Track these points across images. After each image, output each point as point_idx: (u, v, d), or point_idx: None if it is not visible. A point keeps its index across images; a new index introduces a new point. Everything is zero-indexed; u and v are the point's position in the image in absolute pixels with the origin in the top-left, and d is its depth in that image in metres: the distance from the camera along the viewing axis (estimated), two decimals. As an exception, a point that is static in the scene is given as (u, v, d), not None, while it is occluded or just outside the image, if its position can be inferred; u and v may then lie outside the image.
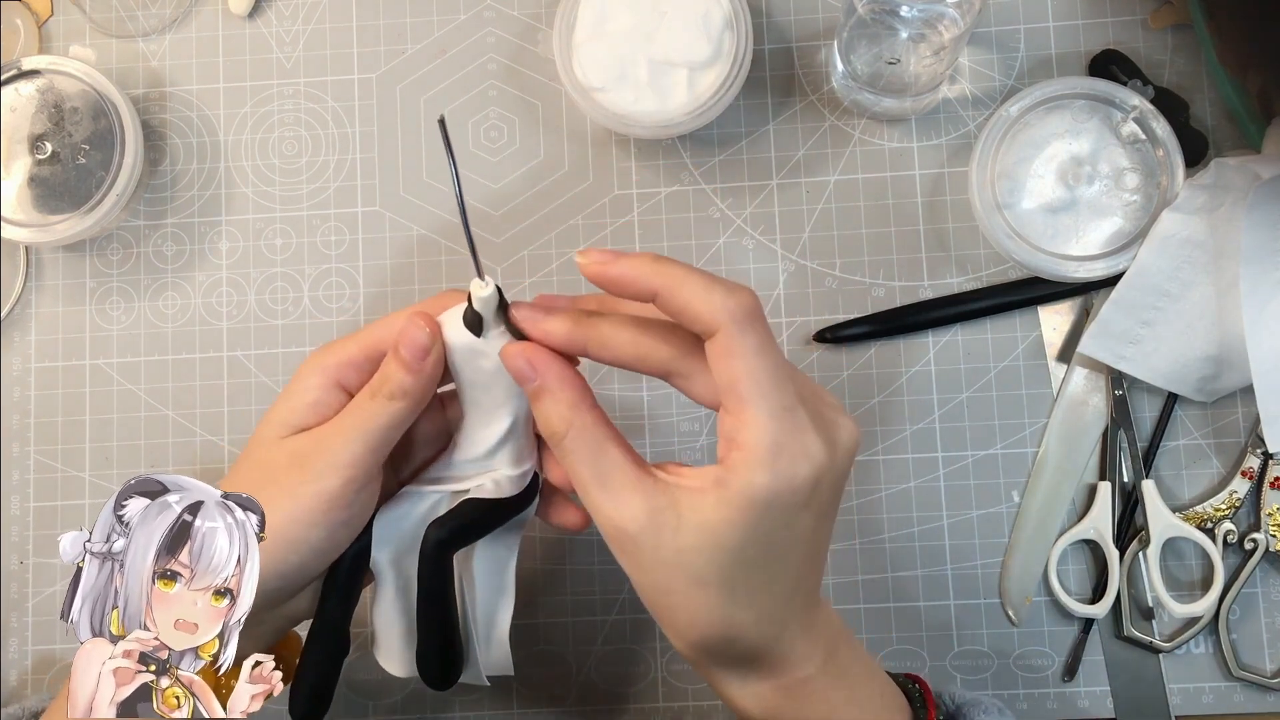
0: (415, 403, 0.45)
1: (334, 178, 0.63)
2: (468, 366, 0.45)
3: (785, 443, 0.39)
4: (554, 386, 0.42)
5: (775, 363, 0.39)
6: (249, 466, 0.46)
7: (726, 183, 0.61)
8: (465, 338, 0.45)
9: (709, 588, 0.40)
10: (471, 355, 0.45)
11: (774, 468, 0.39)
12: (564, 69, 0.58)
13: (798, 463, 0.39)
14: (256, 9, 0.64)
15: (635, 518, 0.40)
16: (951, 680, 0.58)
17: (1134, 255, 0.56)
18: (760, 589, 0.41)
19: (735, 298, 0.39)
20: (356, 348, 0.47)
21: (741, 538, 0.39)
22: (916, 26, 0.54)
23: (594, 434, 0.41)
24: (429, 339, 0.44)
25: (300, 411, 0.46)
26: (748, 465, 0.39)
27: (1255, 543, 0.57)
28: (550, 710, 0.59)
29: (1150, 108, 0.57)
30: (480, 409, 0.47)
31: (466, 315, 0.44)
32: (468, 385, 0.46)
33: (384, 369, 0.45)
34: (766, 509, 0.39)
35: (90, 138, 0.61)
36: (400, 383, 0.45)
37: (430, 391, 0.46)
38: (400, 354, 0.45)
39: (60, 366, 0.63)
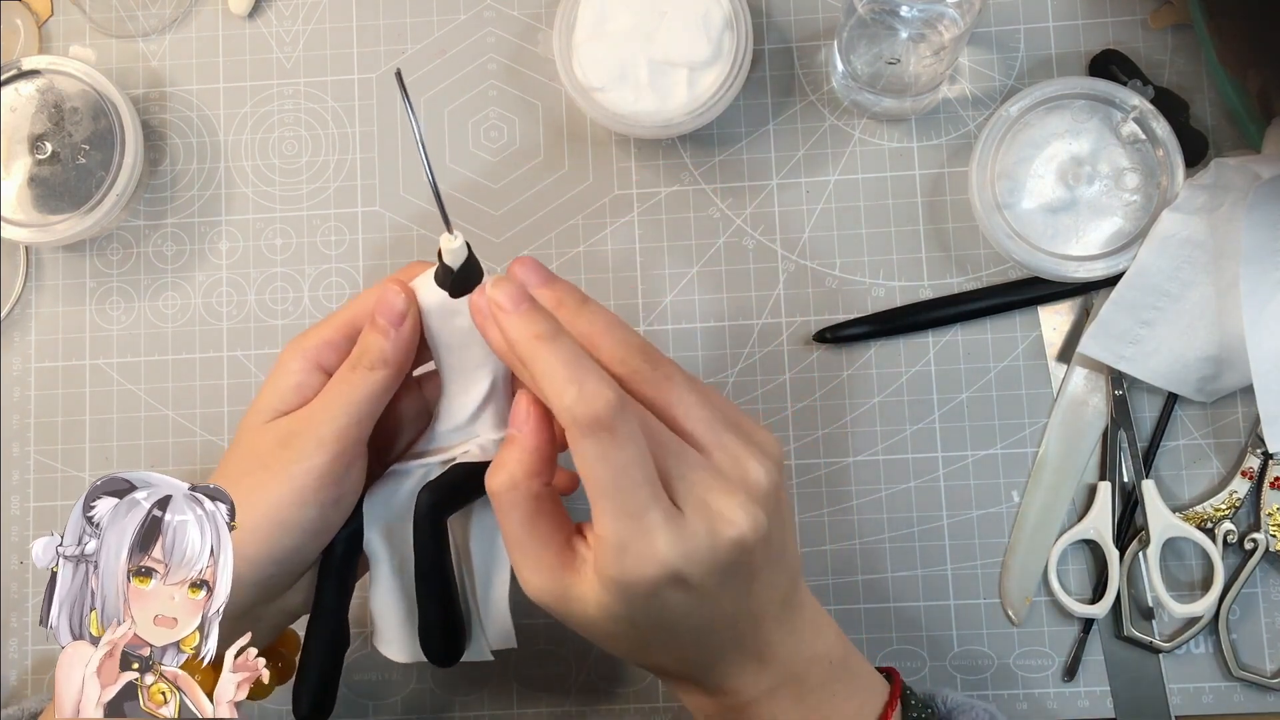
0: (396, 370, 0.46)
1: (334, 178, 0.63)
2: (444, 328, 0.45)
3: (629, 544, 0.40)
4: (528, 447, 0.43)
5: (620, 469, 0.39)
6: (237, 455, 0.46)
7: (726, 183, 0.61)
8: (439, 296, 0.45)
9: (619, 642, 0.43)
10: (446, 315, 0.45)
11: (621, 565, 0.40)
12: (564, 69, 0.58)
13: (643, 563, 0.40)
14: (256, 9, 0.64)
15: (545, 592, 0.42)
16: (951, 680, 0.58)
17: (1134, 255, 0.56)
18: (666, 649, 0.43)
19: (584, 404, 0.39)
20: (332, 329, 0.47)
21: (626, 613, 0.41)
22: (916, 26, 0.54)
23: (529, 506, 0.42)
24: (403, 303, 0.45)
25: (283, 394, 0.46)
26: (600, 559, 0.41)
27: (1255, 543, 0.57)
28: (550, 710, 0.59)
29: (1150, 108, 0.57)
30: (459, 374, 0.47)
31: (438, 273, 0.44)
32: (444, 349, 0.46)
33: (362, 340, 0.46)
34: (630, 596, 0.41)
35: (90, 138, 0.61)
36: (380, 350, 0.45)
37: (409, 357, 0.46)
38: (377, 322, 0.45)
39: (60, 366, 0.63)
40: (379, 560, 0.48)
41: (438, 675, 0.60)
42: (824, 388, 0.60)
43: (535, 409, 0.43)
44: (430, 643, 0.49)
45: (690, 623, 0.42)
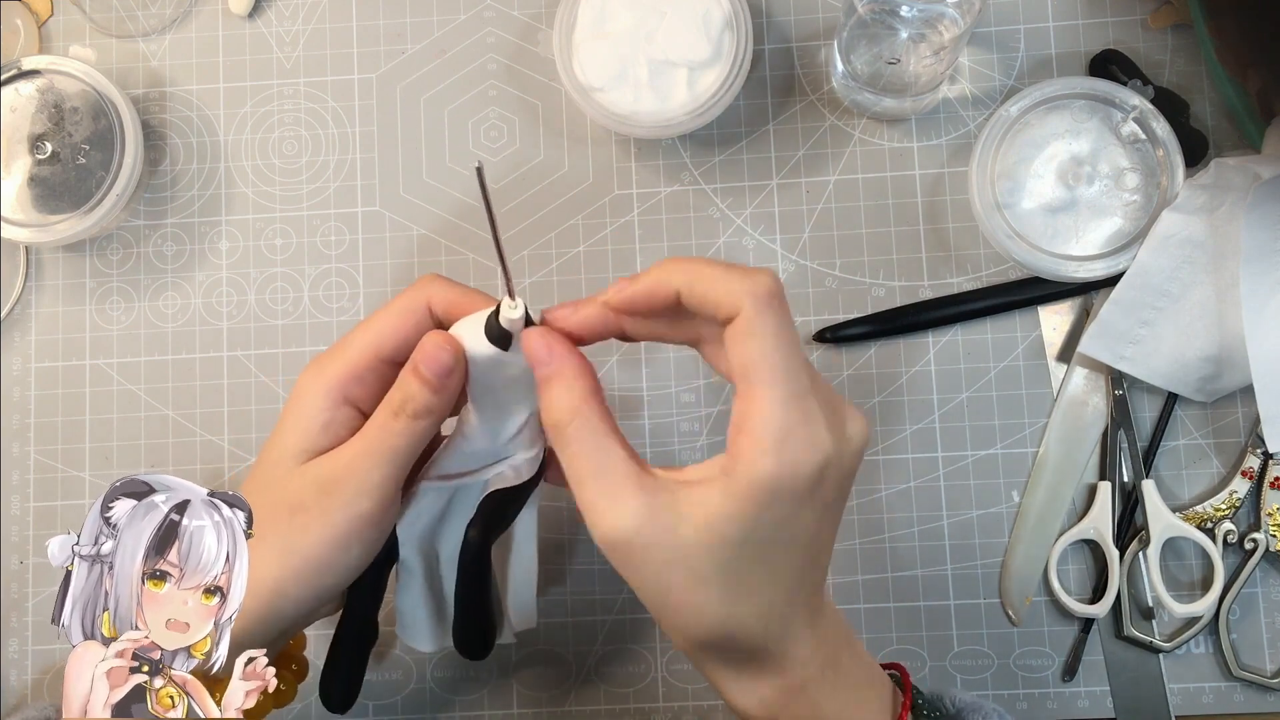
0: (439, 419, 0.45)
1: (334, 178, 0.63)
2: (487, 375, 0.45)
3: (794, 429, 0.38)
4: (569, 374, 0.41)
5: (791, 348, 0.39)
6: (270, 497, 0.45)
7: (726, 183, 0.61)
8: (488, 350, 0.44)
9: (709, 584, 0.39)
10: (494, 365, 0.45)
11: (780, 455, 0.38)
12: (564, 69, 0.58)
13: (805, 451, 0.38)
14: (256, 9, 0.64)
15: (633, 514, 0.39)
16: (952, 680, 0.58)
17: (1134, 255, 0.56)
18: (762, 585, 0.40)
19: (753, 279, 0.39)
20: (357, 356, 0.46)
21: (743, 531, 0.38)
22: (916, 26, 0.54)
23: (598, 427, 0.41)
24: (452, 359, 0.44)
25: (311, 434, 0.45)
26: (754, 451, 0.38)
27: (1255, 543, 0.57)
28: (550, 710, 0.59)
29: (1150, 108, 0.57)
30: (496, 408, 0.47)
31: (491, 330, 0.44)
32: (484, 390, 0.46)
33: (405, 388, 0.44)
34: (772, 498, 0.38)
35: (90, 138, 0.61)
36: (425, 402, 0.44)
37: (452, 404, 0.45)
38: (422, 373, 0.44)
39: (60, 366, 0.63)
40: (410, 572, 0.49)
41: (438, 675, 0.60)
42: (824, 388, 0.60)
43: (556, 340, 0.42)
44: (467, 644, 0.50)
45: (800, 547, 0.40)
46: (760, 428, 0.38)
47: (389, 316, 0.46)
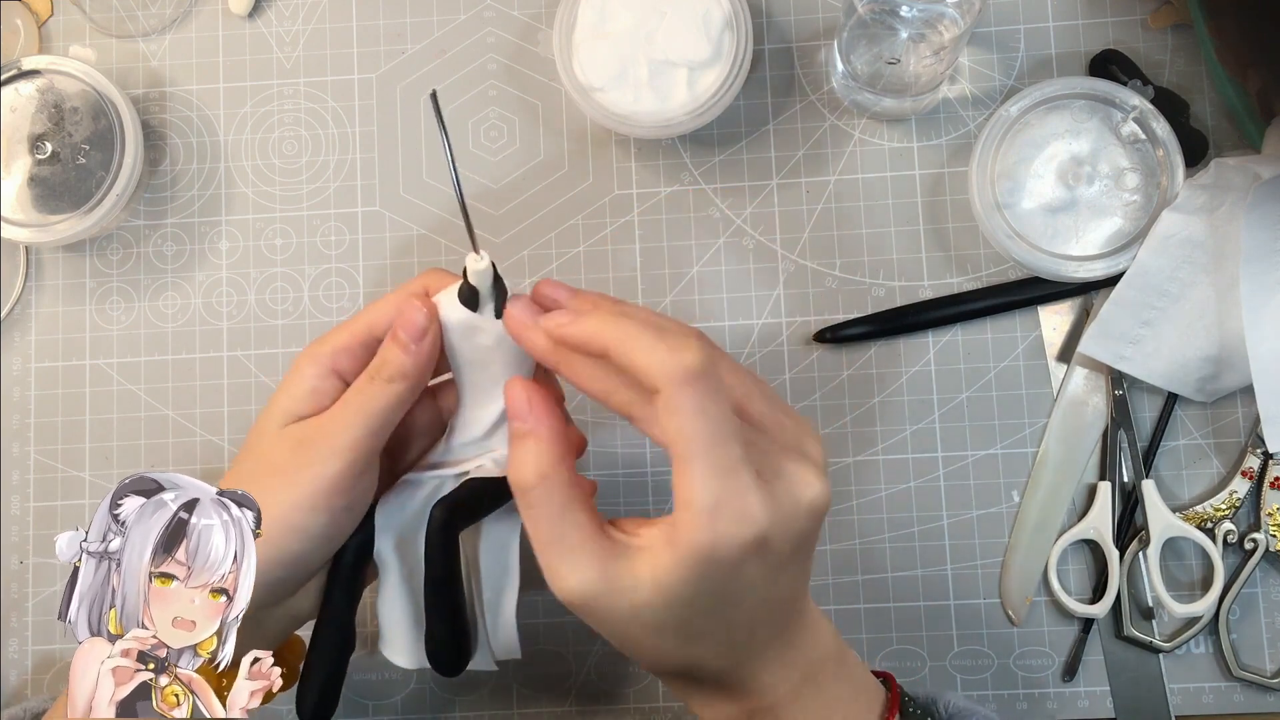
0: (414, 384, 0.45)
1: (334, 178, 0.63)
2: (465, 344, 0.45)
3: (722, 504, 0.38)
4: (544, 436, 0.42)
5: (716, 423, 0.39)
6: (250, 457, 0.46)
7: (726, 183, 0.61)
8: (461, 314, 0.45)
9: (665, 633, 0.41)
10: (468, 332, 0.45)
11: (713, 528, 0.38)
12: (564, 69, 0.58)
13: (734, 525, 0.39)
14: (256, 9, 0.64)
15: (590, 582, 0.40)
16: (951, 680, 0.58)
17: (1134, 255, 0.56)
18: (718, 630, 0.41)
19: (677, 356, 0.39)
20: (349, 334, 0.47)
21: (692, 591, 0.39)
22: (916, 26, 0.54)
23: (563, 494, 0.41)
24: (425, 319, 0.45)
25: (299, 400, 0.46)
26: (689, 524, 0.39)
27: (1255, 543, 0.57)
28: (550, 710, 0.59)
29: (1150, 108, 0.57)
30: (478, 389, 0.47)
31: (462, 291, 0.44)
32: (465, 364, 0.46)
33: (382, 352, 0.45)
34: (711, 566, 0.39)
35: (90, 138, 0.61)
36: (399, 364, 0.45)
37: (429, 372, 0.46)
38: (398, 336, 0.45)
39: (60, 366, 0.63)
40: (388, 568, 0.48)
41: (438, 676, 0.59)
42: (824, 388, 0.60)
43: (537, 395, 0.43)
44: (438, 654, 0.48)
45: (755, 598, 0.41)
46: (693, 502, 0.39)
47: (389, 301, 0.46)
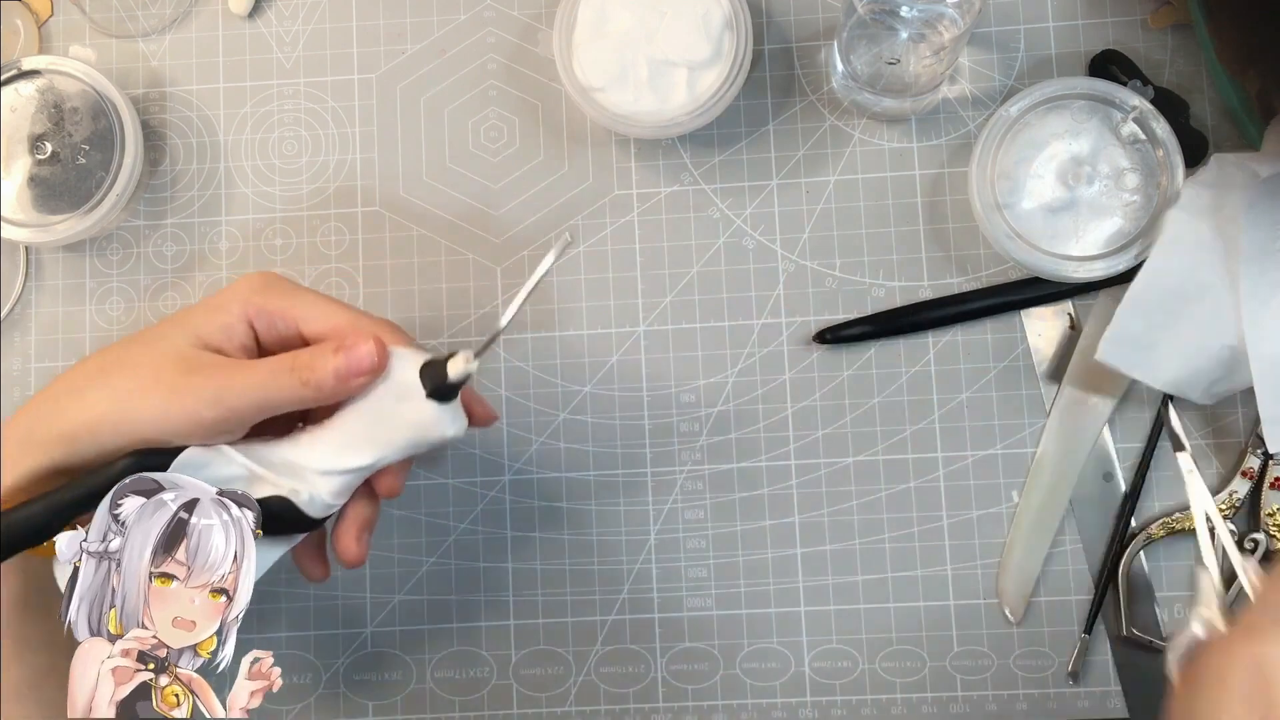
0: (320, 401, 0.46)
1: (334, 178, 0.63)
2: (381, 400, 0.46)
3: None
4: None
5: None
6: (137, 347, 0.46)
7: (726, 183, 0.61)
8: (407, 381, 0.46)
9: None
10: (395, 394, 0.46)
11: None
12: (564, 69, 0.58)
13: None
14: (256, 9, 0.64)
15: None
16: (951, 680, 0.58)
17: (1134, 255, 0.56)
18: None
19: None
20: (290, 305, 0.47)
21: None
22: (916, 26, 0.54)
23: None
24: (370, 367, 0.45)
25: (211, 330, 0.47)
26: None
27: (1255, 543, 0.57)
28: (550, 710, 0.59)
29: (1150, 108, 0.57)
30: (354, 435, 0.47)
31: (426, 371, 0.46)
32: (365, 413, 0.46)
33: (316, 358, 0.46)
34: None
35: (90, 138, 0.61)
36: (322, 381, 0.45)
37: (330, 402, 0.47)
38: (339, 360, 0.45)
39: (60, 366, 0.63)
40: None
41: (438, 676, 0.60)
42: (824, 388, 0.60)
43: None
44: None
45: None
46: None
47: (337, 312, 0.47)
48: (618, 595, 0.59)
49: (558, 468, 0.60)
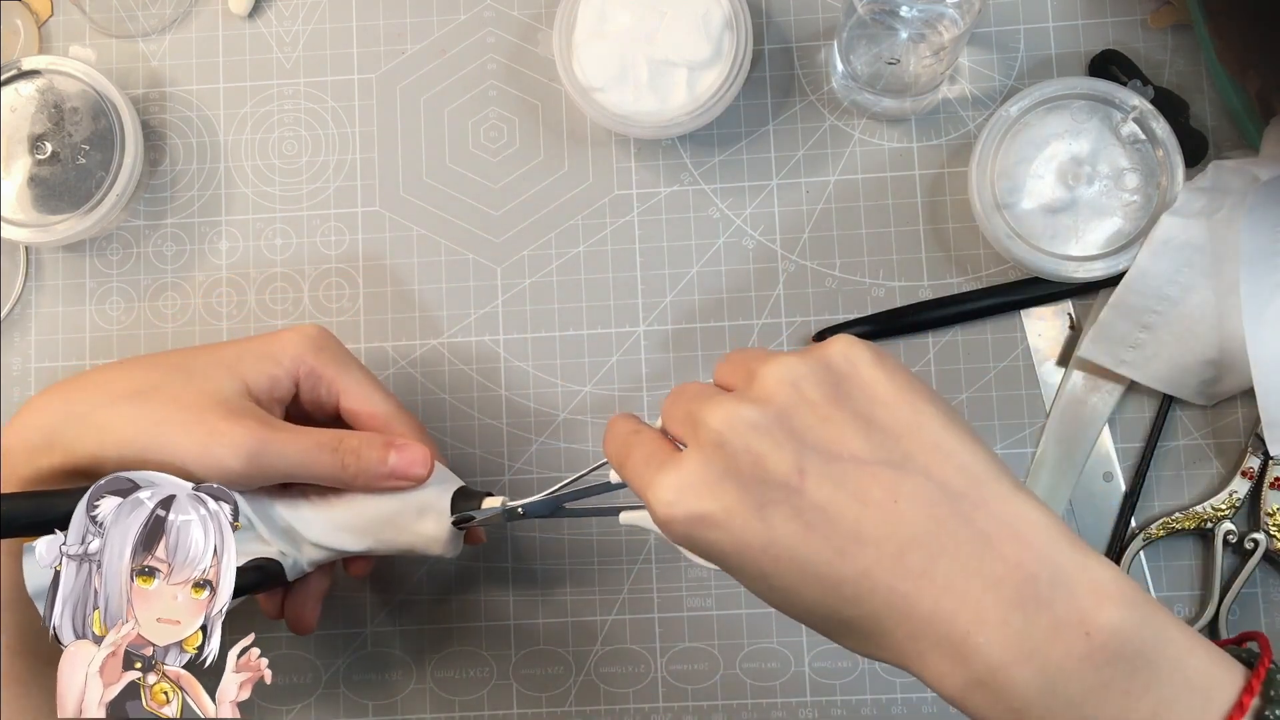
0: (351, 488, 0.47)
1: (334, 178, 0.63)
2: (408, 507, 0.48)
3: None
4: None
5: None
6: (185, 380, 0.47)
7: (726, 183, 0.61)
8: (433, 500, 0.48)
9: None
10: (420, 509, 0.48)
11: None
12: (564, 69, 0.58)
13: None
14: (256, 9, 0.64)
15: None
16: (951, 680, 0.58)
17: (1134, 256, 0.56)
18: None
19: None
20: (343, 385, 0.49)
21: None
22: (916, 26, 0.54)
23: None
24: (418, 478, 0.47)
25: (260, 379, 0.47)
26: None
27: (1255, 543, 0.57)
28: (550, 710, 0.59)
29: (1150, 108, 0.57)
30: (360, 522, 0.48)
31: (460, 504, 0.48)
32: (384, 511, 0.48)
33: (367, 448, 0.47)
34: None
35: (90, 138, 0.61)
36: (360, 470, 0.47)
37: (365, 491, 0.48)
38: (389, 459, 0.47)
39: (60, 366, 0.63)
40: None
41: (438, 675, 0.60)
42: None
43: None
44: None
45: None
46: None
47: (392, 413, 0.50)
48: (618, 595, 0.59)
49: (558, 468, 0.60)
